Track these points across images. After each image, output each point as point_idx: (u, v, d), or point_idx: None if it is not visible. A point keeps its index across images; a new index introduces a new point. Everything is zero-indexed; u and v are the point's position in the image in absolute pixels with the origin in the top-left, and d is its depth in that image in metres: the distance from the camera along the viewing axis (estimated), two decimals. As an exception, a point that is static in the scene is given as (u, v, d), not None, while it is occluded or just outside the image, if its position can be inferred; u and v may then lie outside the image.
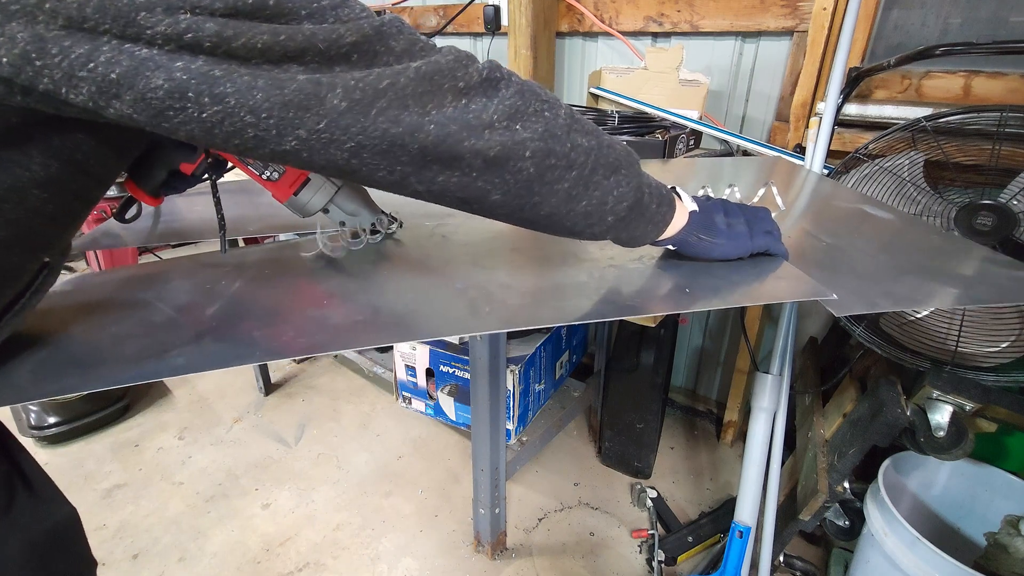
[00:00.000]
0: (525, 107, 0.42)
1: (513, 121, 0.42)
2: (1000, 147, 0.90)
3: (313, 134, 0.36)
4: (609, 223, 0.50)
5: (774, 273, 0.61)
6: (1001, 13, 1.10)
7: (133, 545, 1.41)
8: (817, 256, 0.67)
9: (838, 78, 1.04)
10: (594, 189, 0.47)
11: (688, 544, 1.36)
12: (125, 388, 1.88)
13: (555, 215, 0.48)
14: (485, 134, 0.40)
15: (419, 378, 1.56)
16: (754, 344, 1.55)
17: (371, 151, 0.38)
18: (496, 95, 0.41)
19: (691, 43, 1.44)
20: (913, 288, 0.59)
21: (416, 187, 0.43)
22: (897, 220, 0.82)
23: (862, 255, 0.68)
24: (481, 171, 0.42)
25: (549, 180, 0.45)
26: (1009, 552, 0.96)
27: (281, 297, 0.59)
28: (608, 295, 0.59)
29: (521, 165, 0.43)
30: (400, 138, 0.38)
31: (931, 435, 0.96)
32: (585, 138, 0.46)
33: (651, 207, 0.53)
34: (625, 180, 0.49)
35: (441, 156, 0.40)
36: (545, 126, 0.43)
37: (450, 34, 1.89)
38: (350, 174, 0.40)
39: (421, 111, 0.38)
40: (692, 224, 0.58)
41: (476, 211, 0.47)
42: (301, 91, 0.35)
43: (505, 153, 0.42)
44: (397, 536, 1.43)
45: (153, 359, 0.46)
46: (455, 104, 0.39)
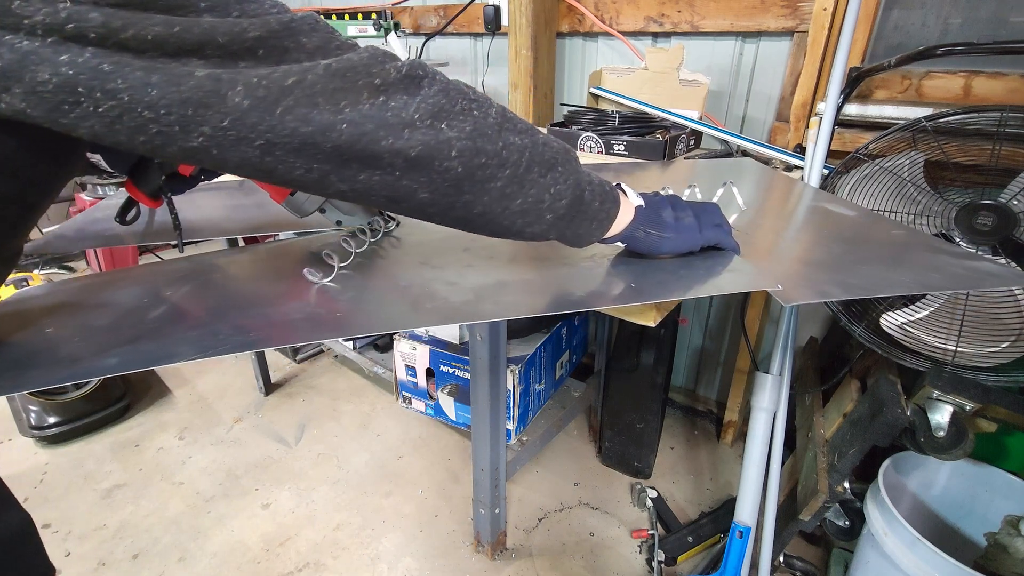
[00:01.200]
0: (451, 105, 0.41)
1: (437, 120, 0.40)
2: (1000, 147, 0.90)
3: (219, 131, 0.35)
4: (548, 221, 0.50)
5: (722, 267, 0.62)
6: (1001, 13, 1.10)
7: (133, 545, 1.41)
8: (772, 250, 0.68)
9: (838, 78, 1.04)
10: (530, 187, 0.47)
11: (688, 544, 1.36)
12: (125, 388, 1.89)
13: (489, 214, 0.47)
14: (405, 133, 0.39)
15: (419, 378, 1.56)
16: (754, 344, 1.55)
17: (283, 149, 0.37)
18: (418, 93, 0.40)
19: (691, 43, 1.44)
20: (866, 278, 0.61)
21: (338, 186, 0.41)
22: (859, 216, 0.83)
23: (819, 249, 0.69)
24: (404, 170, 0.41)
25: (480, 179, 0.44)
26: (1009, 552, 0.96)
27: (227, 298, 0.60)
28: (552, 291, 0.59)
29: (448, 164, 0.42)
30: (312, 137, 0.37)
31: (931, 435, 0.96)
32: (518, 136, 0.45)
33: (593, 204, 0.52)
34: (563, 177, 0.49)
35: (358, 155, 0.39)
36: (474, 125, 0.42)
37: (450, 34, 1.89)
38: (267, 173, 0.39)
39: (333, 109, 0.37)
40: (639, 220, 0.58)
41: (406, 211, 0.46)
42: (200, 88, 0.33)
43: (428, 152, 0.40)
44: (397, 536, 1.43)
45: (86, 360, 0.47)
46: (372, 101, 0.38)
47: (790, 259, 0.66)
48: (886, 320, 1.00)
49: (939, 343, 0.95)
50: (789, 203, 0.91)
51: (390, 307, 0.57)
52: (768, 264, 0.64)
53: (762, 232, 0.75)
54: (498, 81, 1.85)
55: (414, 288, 0.60)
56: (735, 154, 1.20)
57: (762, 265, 0.63)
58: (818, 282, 0.59)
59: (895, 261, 0.66)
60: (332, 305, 0.57)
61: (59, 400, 1.71)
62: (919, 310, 0.97)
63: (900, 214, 1.00)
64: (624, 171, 1.11)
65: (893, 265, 0.65)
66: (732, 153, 1.22)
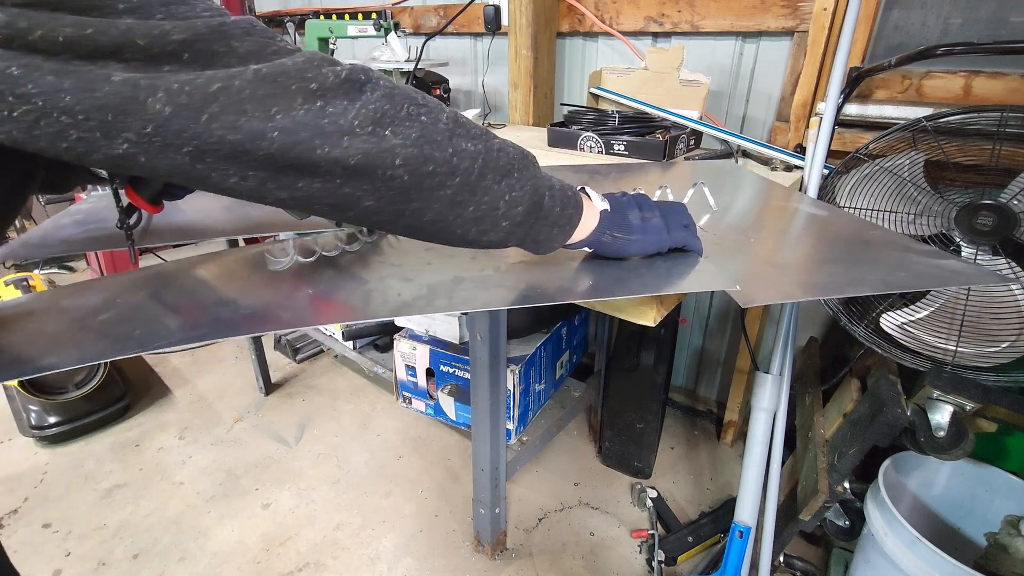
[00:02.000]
0: (396, 111, 0.40)
1: (380, 126, 0.39)
2: (1000, 147, 0.90)
3: (143, 138, 0.33)
4: (505, 228, 0.48)
5: (684, 267, 0.62)
6: (1001, 13, 1.10)
7: (133, 545, 1.41)
8: (740, 251, 0.68)
9: (838, 78, 1.04)
10: (483, 195, 0.45)
11: (688, 544, 1.36)
12: (125, 388, 1.89)
13: (441, 222, 0.45)
14: (344, 141, 0.37)
15: (419, 378, 1.56)
16: (754, 344, 1.55)
17: (214, 156, 0.35)
18: (359, 98, 0.38)
19: (691, 43, 1.44)
20: (831, 277, 0.61)
21: (277, 194, 0.39)
22: (831, 215, 0.83)
23: (788, 249, 0.69)
24: (345, 178, 0.39)
25: (429, 187, 0.42)
26: (1009, 552, 0.96)
27: (181, 299, 0.60)
28: (506, 286, 0.59)
29: (392, 173, 0.40)
30: (241, 144, 0.35)
31: (931, 435, 0.96)
32: (471, 142, 0.44)
33: (554, 210, 0.51)
34: (519, 184, 0.47)
35: (294, 163, 0.37)
36: (421, 131, 0.41)
37: (450, 34, 1.89)
38: (201, 180, 0.37)
39: (263, 116, 0.35)
40: (604, 224, 0.57)
41: (353, 219, 0.44)
42: (116, 94, 0.32)
43: (369, 161, 0.39)
44: (397, 536, 1.43)
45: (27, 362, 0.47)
46: (307, 107, 0.36)
47: (757, 259, 0.65)
48: (886, 320, 1.00)
49: (939, 343, 0.95)
50: (763, 204, 0.91)
51: (345, 303, 0.58)
52: (734, 264, 0.63)
53: (733, 233, 0.74)
54: (498, 81, 1.85)
55: (371, 283, 0.61)
56: (735, 154, 1.20)
57: (727, 265, 0.63)
58: (781, 282, 0.59)
59: (862, 261, 0.66)
60: (284, 302, 0.57)
61: (59, 400, 1.71)
62: (919, 310, 0.97)
63: (900, 214, 1.00)
64: (601, 173, 1.11)
65: (860, 265, 0.65)
66: (732, 153, 1.22)
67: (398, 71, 1.66)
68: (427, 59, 1.65)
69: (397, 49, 1.62)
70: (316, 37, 1.81)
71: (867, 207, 1.03)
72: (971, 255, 0.94)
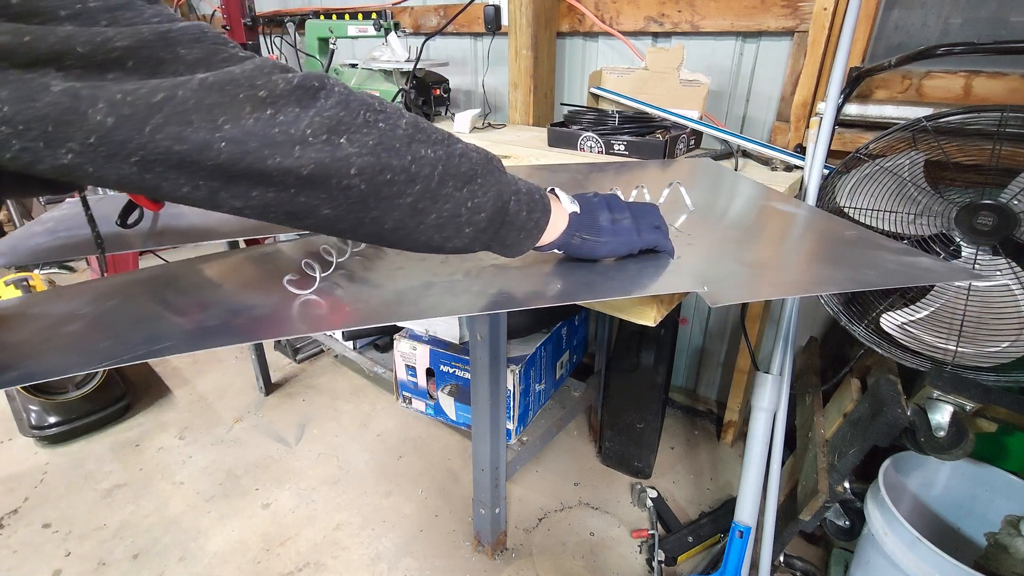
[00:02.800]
0: (351, 118, 0.39)
1: (335, 134, 0.38)
2: (1000, 147, 0.90)
3: (87, 148, 0.32)
4: (469, 234, 0.48)
5: (654, 269, 0.62)
6: (1002, 13, 1.10)
7: (133, 545, 1.41)
8: (714, 250, 0.68)
9: (838, 78, 1.04)
10: (444, 201, 0.44)
11: (688, 544, 1.36)
12: (125, 388, 1.89)
13: (402, 229, 0.45)
14: (295, 151, 0.36)
15: (419, 378, 1.56)
16: (754, 344, 1.55)
17: (163, 166, 0.34)
18: (312, 105, 0.37)
19: (692, 43, 1.44)
20: (800, 275, 0.61)
21: (232, 203, 0.38)
22: (807, 214, 0.83)
23: (761, 248, 0.69)
24: (300, 188, 0.38)
25: (388, 195, 0.41)
26: (1009, 552, 0.96)
27: (150, 309, 0.59)
28: (474, 292, 0.59)
29: (348, 182, 0.39)
30: (189, 155, 0.34)
31: (931, 435, 0.96)
32: (431, 149, 0.43)
33: (520, 214, 0.51)
34: (481, 190, 0.47)
35: (244, 173, 0.36)
36: (378, 138, 0.40)
37: (450, 34, 1.89)
38: (153, 190, 0.36)
39: (210, 126, 0.34)
40: (573, 226, 0.56)
41: (312, 228, 0.43)
42: (56, 104, 0.31)
43: (324, 171, 0.38)
44: (397, 536, 1.43)
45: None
46: (256, 116, 0.35)
47: (729, 259, 0.65)
48: (886, 320, 1.00)
49: (939, 343, 0.95)
50: (741, 203, 0.90)
51: (307, 313, 0.56)
52: (705, 265, 0.63)
53: (707, 232, 0.74)
54: (498, 81, 1.85)
55: (338, 291, 0.60)
56: (735, 154, 1.20)
57: (698, 266, 0.62)
58: (750, 282, 0.59)
59: (834, 259, 0.67)
60: (249, 312, 0.57)
61: (59, 400, 1.71)
62: (919, 310, 0.97)
63: (900, 214, 1.00)
64: (581, 172, 1.10)
65: (831, 263, 0.65)
66: (732, 153, 1.21)
67: (398, 71, 1.66)
68: (427, 59, 1.65)
69: (397, 49, 1.62)
70: (316, 37, 1.81)
71: (867, 207, 1.03)
72: (971, 255, 0.94)
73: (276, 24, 2.39)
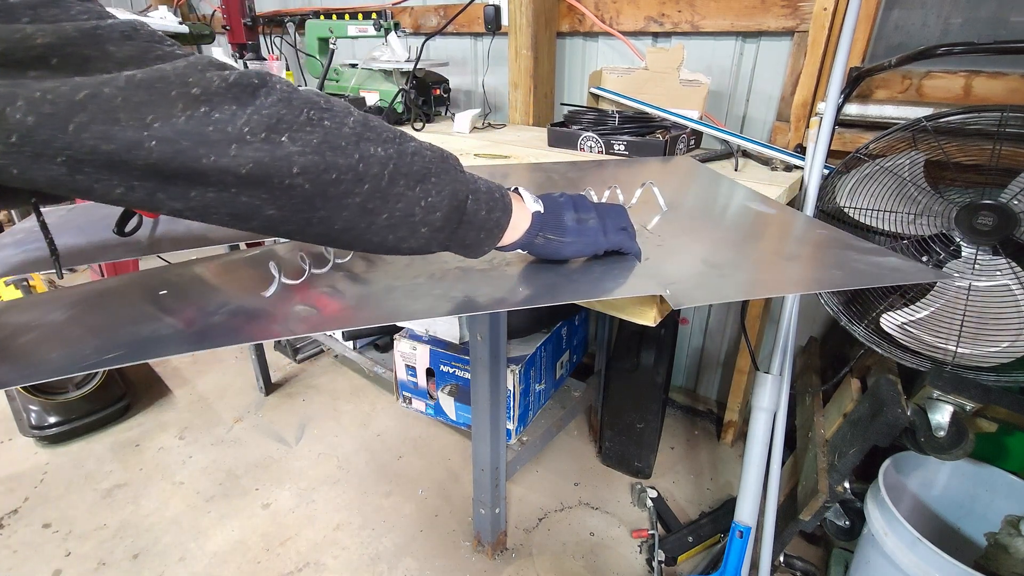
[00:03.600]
0: (293, 116, 0.38)
1: (275, 133, 0.37)
2: (1001, 147, 0.90)
3: (10, 148, 0.31)
4: (425, 235, 0.47)
5: (619, 271, 0.61)
6: (1002, 13, 1.10)
7: (133, 545, 1.41)
8: (682, 251, 0.68)
9: (838, 78, 1.04)
10: (396, 201, 0.43)
11: (688, 544, 1.36)
12: (125, 388, 1.89)
13: (353, 230, 0.43)
14: (232, 149, 0.35)
15: (419, 378, 1.56)
16: (754, 344, 1.55)
17: (92, 166, 0.33)
18: (251, 103, 0.36)
19: (692, 43, 1.44)
20: (766, 275, 0.61)
21: (172, 205, 0.37)
22: (778, 214, 0.82)
23: (730, 249, 0.69)
24: (240, 188, 0.37)
25: (334, 195, 0.40)
26: (1009, 552, 0.96)
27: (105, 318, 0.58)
28: (434, 295, 0.58)
29: (291, 182, 0.38)
30: (117, 155, 0.33)
31: (931, 435, 0.96)
32: (380, 147, 0.42)
33: (479, 214, 0.50)
34: (435, 189, 0.45)
35: (179, 173, 0.35)
36: (323, 136, 0.39)
37: (450, 34, 1.89)
38: (86, 192, 0.35)
39: (139, 125, 0.33)
40: (536, 225, 0.55)
41: (258, 229, 0.42)
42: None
43: (263, 170, 0.37)
44: (397, 536, 1.43)
45: None
46: (189, 114, 0.34)
47: (697, 260, 0.65)
48: (886, 320, 1.00)
49: (939, 343, 0.95)
50: (715, 203, 0.90)
51: (258, 319, 0.55)
52: (672, 267, 0.62)
53: (678, 233, 0.74)
54: (498, 81, 1.85)
55: (295, 297, 0.59)
56: (735, 154, 1.20)
57: (664, 268, 0.62)
58: (716, 283, 0.59)
59: (801, 259, 0.66)
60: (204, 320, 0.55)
61: (59, 400, 1.71)
62: (919, 310, 0.97)
63: (900, 214, 1.00)
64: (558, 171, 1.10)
65: (799, 263, 0.65)
66: (732, 153, 1.21)
67: (398, 71, 1.66)
68: (427, 59, 1.65)
69: (397, 49, 1.62)
70: (316, 37, 1.81)
71: (867, 207, 1.03)
72: (971, 255, 0.94)
73: (276, 24, 2.39)
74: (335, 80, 1.80)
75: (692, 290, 0.56)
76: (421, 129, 1.58)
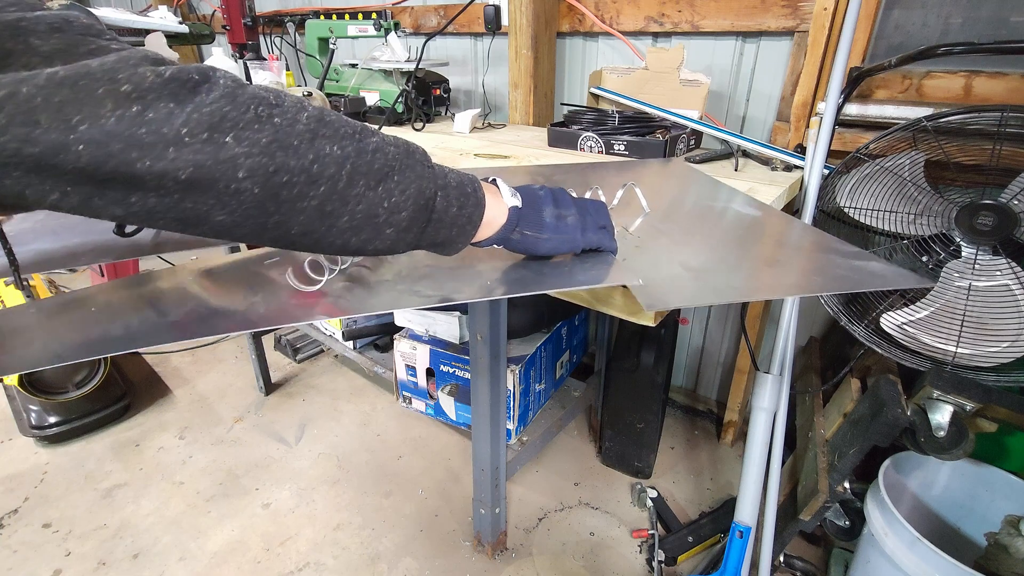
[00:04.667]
0: (238, 114, 0.35)
1: (218, 132, 0.34)
2: (1001, 147, 0.90)
3: None
4: (391, 236, 0.44)
5: (592, 269, 0.59)
6: (1002, 13, 1.10)
7: (133, 545, 1.41)
8: (659, 255, 0.67)
9: (839, 78, 1.04)
10: (356, 203, 0.41)
11: (688, 544, 1.36)
12: (126, 388, 1.89)
13: (313, 233, 0.41)
14: (168, 152, 0.32)
15: (419, 378, 1.56)
16: (754, 344, 1.55)
17: (19, 170, 0.31)
18: (190, 101, 0.33)
19: (692, 43, 1.44)
20: (746, 280, 0.60)
21: (113, 211, 0.34)
22: (762, 216, 0.82)
23: (709, 251, 0.68)
24: (183, 193, 0.34)
25: (287, 198, 0.38)
26: (1010, 552, 0.96)
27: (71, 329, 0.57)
28: (399, 289, 0.57)
29: (238, 186, 0.35)
30: (43, 159, 0.30)
31: (931, 435, 0.96)
32: (337, 145, 0.39)
33: (449, 211, 0.47)
34: (399, 188, 0.43)
35: (114, 178, 0.32)
36: (272, 135, 0.36)
37: (451, 34, 1.89)
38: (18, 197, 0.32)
39: (63, 126, 0.30)
40: (513, 221, 0.53)
41: (210, 235, 0.39)
42: None
43: (206, 174, 0.34)
44: (397, 536, 1.43)
45: None
46: (120, 113, 0.31)
47: (675, 263, 0.64)
48: (886, 320, 1.00)
49: (939, 343, 0.95)
50: (699, 204, 0.89)
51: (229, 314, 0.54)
52: (648, 269, 0.61)
53: (658, 236, 0.73)
54: (498, 81, 1.85)
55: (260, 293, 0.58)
56: (735, 154, 1.20)
57: (641, 270, 0.61)
58: (691, 287, 0.58)
59: (784, 264, 0.65)
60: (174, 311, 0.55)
61: (59, 400, 1.71)
62: (919, 310, 0.97)
63: (900, 214, 1.00)
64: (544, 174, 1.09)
65: (780, 268, 0.64)
66: (732, 153, 1.21)
67: (398, 71, 1.66)
68: (427, 59, 1.65)
69: (397, 49, 1.62)
70: (316, 37, 1.81)
71: (867, 207, 1.03)
72: (971, 255, 0.94)
73: (276, 24, 2.39)
74: (335, 80, 1.80)
75: (667, 293, 0.55)
76: (421, 129, 1.58)
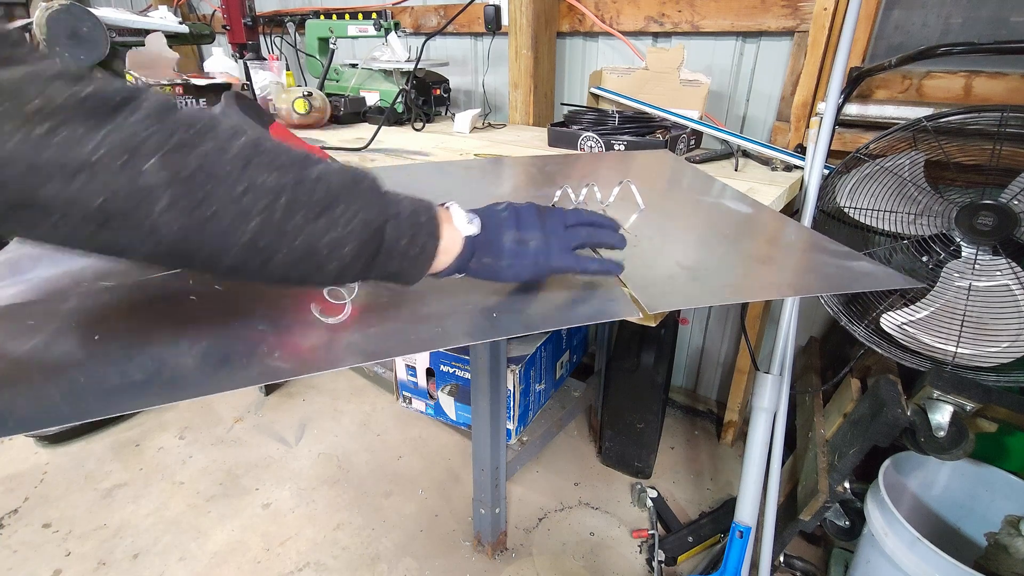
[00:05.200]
0: (162, 139, 0.32)
1: (136, 158, 0.31)
2: (1001, 147, 0.90)
3: None
4: (334, 269, 0.41)
5: (588, 291, 0.57)
6: (1002, 13, 1.10)
7: (133, 545, 1.41)
8: (654, 254, 0.67)
9: (839, 78, 1.04)
10: (294, 237, 0.37)
11: (688, 544, 1.36)
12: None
13: (246, 268, 0.38)
14: (77, 179, 0.29)
15: (419, 378, 1.56)
16: (754, 344, 1.55)
17: None
18: (108, 122, 0.30)
19: (692, 43, 1.44)
20: (737, 280, 0.61)
21: (31, 234, 0.32)
22: (756, 214, 0.82)
23: (703, 250, 0.68)
24: (97, 224, 0.31)
25: (215, 232, 0.34)
26: (1009, 552, 0.96)
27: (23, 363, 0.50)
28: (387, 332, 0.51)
29: (157, 219, 0.32)
30: None
31: (931, 435, 0.96)
32: (272, 175, 0.36)
33: (400, 242, 0.44)
34: (344, 219, 0.39)
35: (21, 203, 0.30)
36: (199, 163, 0.33)
37: (450, 34, 1.89)
38: None
39: None
40: (469, 249, 0.49)
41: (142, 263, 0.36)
42: None
43: (120, 205, 0.31)
44: (397, 536, 1.43)
45: None
46: (24, 133, 0.28)
47: (671, 262, 0.64)
48: (886, 320, 1.00)
49: (939, 343, 0.95)
50: (695, 201, 0.89)
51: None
52: (645, 270, 0.61)
53: (653, 233, 0.73)
54: (498, 81, 1.85)
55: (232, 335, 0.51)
56: (735, 154, 1.20)
57: (638, 271, 0.60)
58: (688, 288, 0.58)
59: (776, 263, 0.66)
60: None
61: (59, 400, 1.71)
62: (920, 310, 0.97)
63: (900, 214, 1.00)
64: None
65: (772, 267, 0.64)
66: (732, 153, 1.21)
67: (398, 71, 1.66)
68: (427, 59, 1.65)
69: (397, 49, 1.62)
70: (316, 37, 1.81)
71: (867, 207, 1.03)
72: (971, 255, 0.94)
73: (276, 24, 2.39)
74: (335, 80, 1.80)
75: (664, 295, 0.55)
76: (421, 129, 1.58)
